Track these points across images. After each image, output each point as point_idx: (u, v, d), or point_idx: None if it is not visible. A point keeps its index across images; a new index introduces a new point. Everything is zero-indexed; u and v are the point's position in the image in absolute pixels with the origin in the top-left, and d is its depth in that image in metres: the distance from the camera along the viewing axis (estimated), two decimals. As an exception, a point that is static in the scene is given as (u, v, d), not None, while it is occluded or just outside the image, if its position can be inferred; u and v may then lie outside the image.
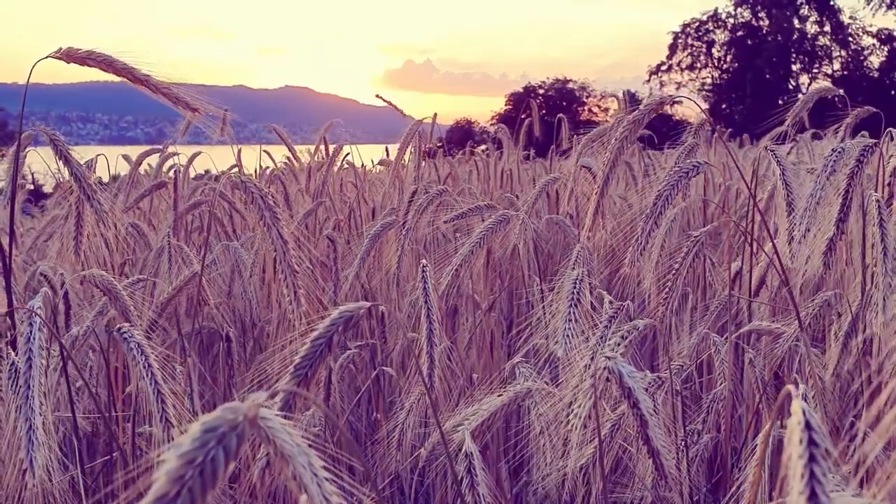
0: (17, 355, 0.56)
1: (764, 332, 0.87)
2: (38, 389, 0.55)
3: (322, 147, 2.44)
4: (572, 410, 0.66)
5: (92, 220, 0.85)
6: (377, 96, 2.31)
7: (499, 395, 0.81)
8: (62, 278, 1.26)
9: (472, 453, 0.63)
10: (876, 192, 0.79)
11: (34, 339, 0.56)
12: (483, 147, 3.69)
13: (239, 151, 2.47)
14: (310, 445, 0.33)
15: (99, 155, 1.63)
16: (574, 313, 0.75)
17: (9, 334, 0.45)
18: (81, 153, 1.18)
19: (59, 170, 0.87)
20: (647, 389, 0.80)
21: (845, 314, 0.83)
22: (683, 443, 0.85)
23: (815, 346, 0.93)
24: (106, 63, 0.77)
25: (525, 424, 0.85)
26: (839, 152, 0.71)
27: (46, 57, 0.77)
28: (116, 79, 0.85)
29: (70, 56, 0.77)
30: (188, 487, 0.24)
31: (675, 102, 0.86)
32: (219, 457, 0.24)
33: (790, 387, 0.32)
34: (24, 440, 0.54)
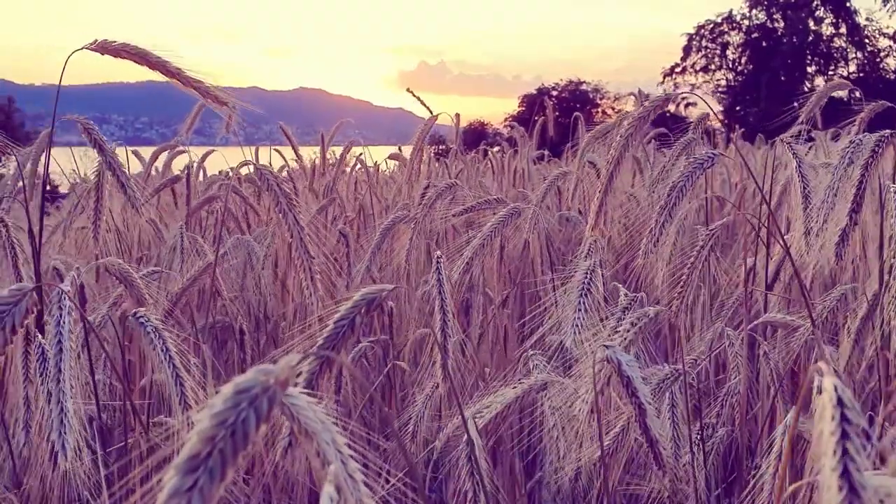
0: (44, 338, 0.58)
1: (779, 325, 0.87)
2: (69, 373, 0.56)
3: (331, 147, 2.44)
4: (580, 399, 0.66)
5: (123, 204, 0.87)
6: (408, 90, 2.29)
7: (513, 388, 0.81)
8: (77, 271, 1.27)
9: (473, 443, 0.63)
10: None
11: (64, 322, 0.57)
12: (496, 148, 3.68)
13: (256, 150, 2.48)
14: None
15: (117, 143, 1.65)
16: (584, 303, 0.75)
17: (35, 310, 0.46)
18: (95, 155, 1.19)
19: (95, 153, 0.89)
20: (662, 382, 0.80)
21: (859, 308, 0.82)
22: (699, 436, 0.85)
23: (833, 339, 0.93)
24: (140, 56, 0.78)
25: (538, 417, 0.85)
26: (857, 144, 0.71)
27: (82, 48, 0.78)
28: (131, 80, 0.88)
29: (105, 48, 0.78)
30: (219, 448, 0.24)
31: (686, 102, 0.87)
32: (250, 418, 0.25)
33: (822, 364, 0.32)
34: (55, 423, 0.55)
